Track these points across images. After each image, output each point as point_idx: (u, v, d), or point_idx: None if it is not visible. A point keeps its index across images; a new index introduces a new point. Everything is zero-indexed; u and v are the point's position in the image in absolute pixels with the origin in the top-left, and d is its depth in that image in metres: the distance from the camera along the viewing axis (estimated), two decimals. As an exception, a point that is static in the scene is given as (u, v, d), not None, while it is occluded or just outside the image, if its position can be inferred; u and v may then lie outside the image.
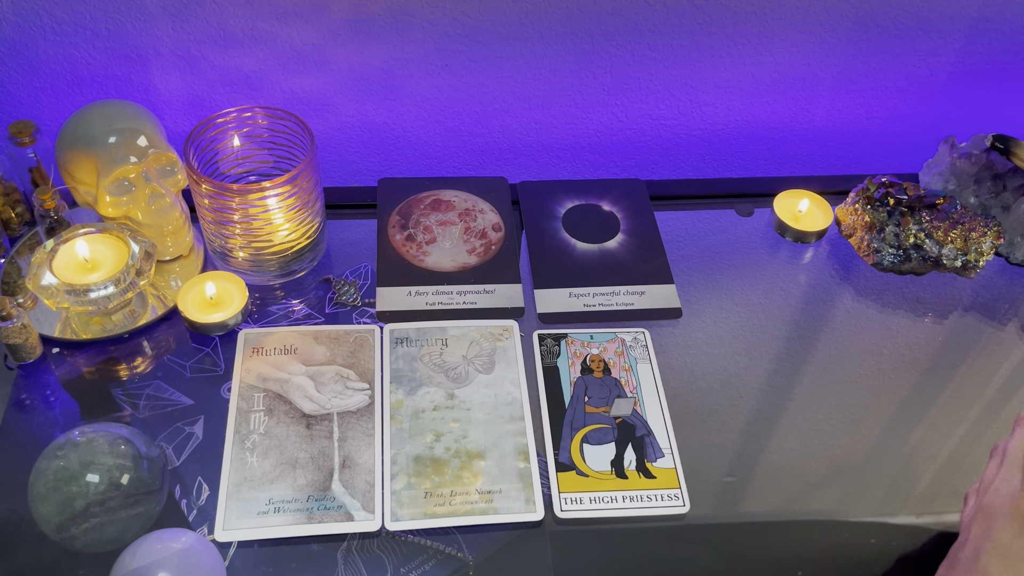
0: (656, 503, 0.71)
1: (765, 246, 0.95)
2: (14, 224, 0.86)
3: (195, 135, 0.79)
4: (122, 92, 0.92)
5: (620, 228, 0.93)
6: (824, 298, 0.90)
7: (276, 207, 0.78)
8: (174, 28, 0.87)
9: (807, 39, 0.98)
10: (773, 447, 0.77)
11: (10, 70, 0.89)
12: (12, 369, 0.76)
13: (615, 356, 0.81)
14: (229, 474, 0.69)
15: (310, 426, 0.73)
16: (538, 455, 0.73)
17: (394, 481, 0.70)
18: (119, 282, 0.75)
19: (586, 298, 0.86)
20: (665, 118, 1.04)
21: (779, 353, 0.85)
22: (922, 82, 1.05)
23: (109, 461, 0.63)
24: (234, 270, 0.83)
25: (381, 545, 0.68)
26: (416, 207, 0.93)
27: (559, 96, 1.00)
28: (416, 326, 0.82)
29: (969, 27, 1.00)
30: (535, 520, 0.69)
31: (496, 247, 0.90)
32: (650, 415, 0.77)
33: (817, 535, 0.72)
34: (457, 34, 0.92)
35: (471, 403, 0.76)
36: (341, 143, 1.01)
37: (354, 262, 0.88)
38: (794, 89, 1.03)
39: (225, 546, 0.66)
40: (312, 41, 0.91)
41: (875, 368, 0.84)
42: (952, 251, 0.88)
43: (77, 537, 0.62)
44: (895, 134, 1.11)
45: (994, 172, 0.93)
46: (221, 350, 0.79)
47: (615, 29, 0.94)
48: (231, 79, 0.93)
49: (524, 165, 1.07)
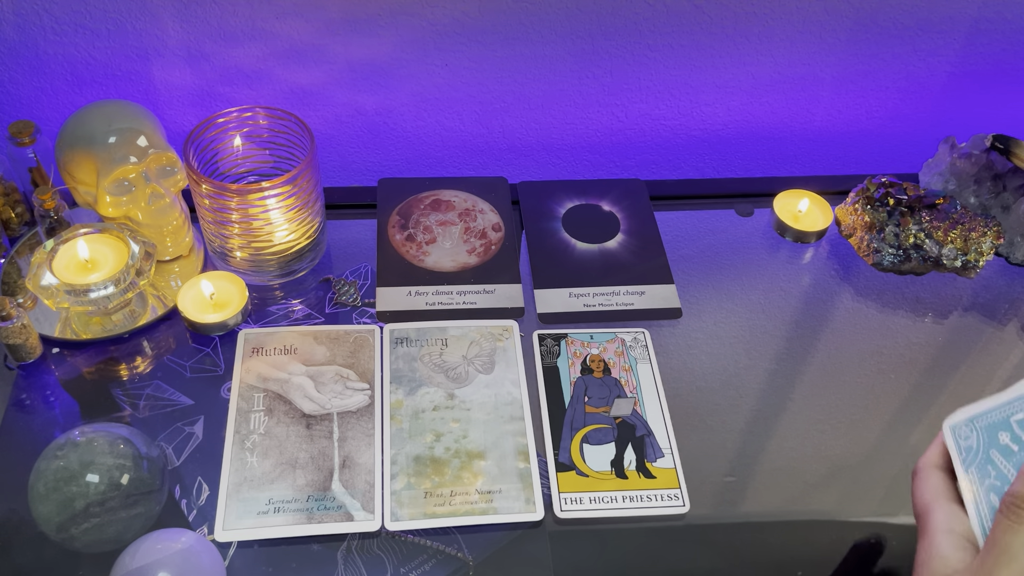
0: (656, 503, 0.71)
1: (765, 246, 0.95)
2: (14, 224, 0.86)
3: (195, 135, 0.79)
4: (122, 92, 0.92)
5: (620, 228, 0.93)
6: (824, 298, 0.90)
7: (276, 207, 0.78)
8: (174, 28, 0.87)
9: (807, 39, 0.98)
10: (773, 447, 0.77)
11: (10, 70, 0.89)
12: (12, 369, 0.76)
13: (615, 356, 0.81)
14: (229, 474, 0.69)
15: (310, 426, 0.73)
16: (538, 455, 0.73)
17: (394, 481, 0.70)
18: (119, 282, 0.75)
19: (586, 298, 0.86)
20: (665, 118, 1.04)
21: (779, 353, 0.85)
22: (922, 82, 1.05)
23: (109, 461, 0.63)
24: (234, 270, 0.83)
25: (381, 545, 0.68)
26: (416, 207, 0.93)
27: (559, 96, 1.00)
28: (416, 326, 0.82)
29: (969, 27, 1.00)
30: (535, 520, 0.69)
31: (496, 247, 0.90)
32: (650, 415, 0.77)
33: (817, 535, 0.72)
34: (457, 34, 0.92)
35: (471, 403, 0.76)
36: (341, 143, 1.01)
37: (354, 262, 0.88)
38: (794, 89, 1.03)
39: (225, 546, 0.66)
40: (312, 41, 0.91)
41: (875, 368, 0.84)
42: (952, 251, 0.88)
43: (77, 537, 0.62)
44: (895, 134, 1.11)
45: (994, 172, 0.93)
46: (221, 350, 0.79)
47: (615, 29, 0.94)
48: (231, 79, 0.93)
49: (524, 165, 1.07)
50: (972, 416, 0.57)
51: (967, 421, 0.57)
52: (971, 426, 0.57)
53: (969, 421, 0.57)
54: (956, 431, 0.57)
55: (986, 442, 0.55)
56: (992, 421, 0.56)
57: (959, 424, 0.58)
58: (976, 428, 0.56)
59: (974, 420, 0.57)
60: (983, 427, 0.56)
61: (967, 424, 0.57)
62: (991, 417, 0.56)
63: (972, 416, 0.57)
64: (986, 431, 0.56)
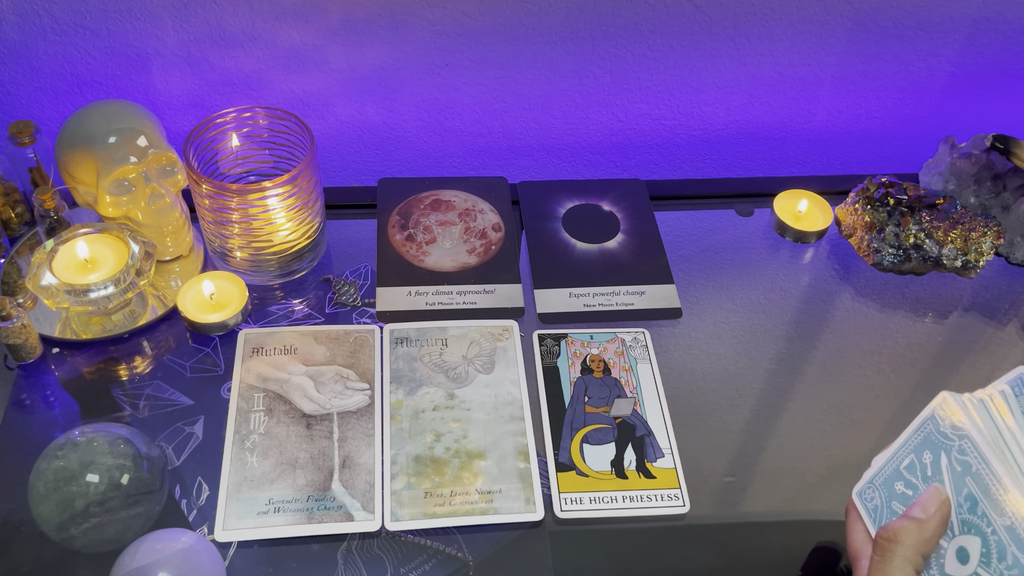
0: (656, 503, 0.71)
1: (765, 246, 0.95)
2: (14, 224, 0.86)
3: (195, 135, 0.79)
4: (122, 92, 0.92)
5: (620, 228, 0.93)
6: (824, 298, 0.90)
7: (276, 207, 0.78)
8: (174, 28, 0.87)
9: (807, 39, 0.98)
10: (773, 447, 0.77)
11: (10, 70, 0.89)
12: (12, 369, 0.76)
13: (615, 356, 0.81)
14: (229, 474, 0.69)
15: (310, 426, 0.73)
16: (538, 455, 0.73)
17: (394, 481, 0.70)
18: (119, 282, 0.75)
19: (586, 298, 0.86)
20: (665, 118, 1.04)
21: (779, 353, 0.85)
22: (922, 82, 1.05)
23: (109, 461, 0.63)
24: (234, 270, 0.83)
25: (381, 545, 0.68)
26: (416, 207, 0.93)
27: (559, 96, 1.00)
28: (416, 326, 0.82)
29: (969, 27, 1.00)
30: (535, 520, 0.69)
31: (496, 247, 0.90)
32: (650, 415, 0.77)
33: (817, 535, 0.72)
34: (457, 34, 0.92)
35: (471, 403, 0.76)
36: (341, 143, 1.01)
37: (354, 262, 0.88)
38: (794, 89, 1.03)
39: (225, 546, 0.66)
40: (312, 41, 0.91)
41: (875, 368, 0.84)
42: (952, 251, 0.88)
43: (77, 537, 0.62)
44: (895, 134, 1.11)
45: (994, 172, 0.93)
46: (221, 350, 0.79)
47: (615, 29, 0.94)
48: (231, 79, 0.93)
49: (524, 165, 1.07)
50: (871, 477, 0.60)
51: (868, 483, 0.60)
52: (872, 487, 0.60)
53: (870, 483, 0.60)
54: (862, 496, 0.60)
55: (886, 496, 0.58)
56: (887, 476, 0.59)
57: (863, 489, 0.60)
58: (876, 487, 0.59)
59: (873, 480, 0.60)
60: (880, 484, 0.59)
61: (869, 486, 0.60)
62: (884, 472, 0.59)
63: (871, 477, 0.60)
64: (884, 487, 0.59)
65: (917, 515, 0.53)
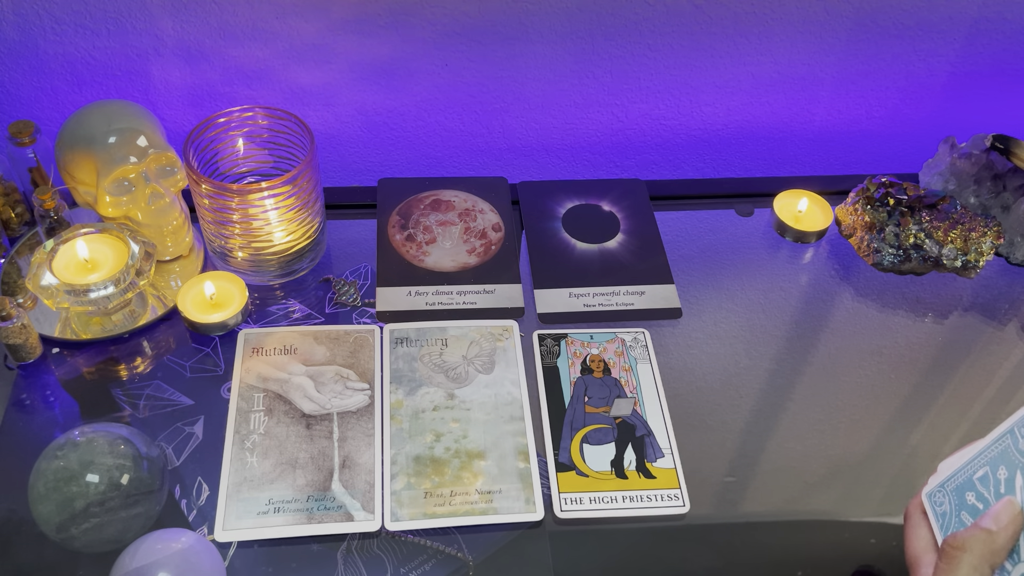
0: (656, 503, 0.71)
1: (765, 246, 0.95)
2: (14, 224, 0.86)
3: (195, 135, 0.79)
4: (122, 92, 0.92)
5: (620, 228, 0.93)
6: (824, 298, 0.90)
7: (276, 207, 0.78)
8: (174, 28, 0.87)
9: (807, 39, 0.98)
10: (773, 447, 0.77)
11: (10, 70, 0.89)
12: (12, 369, 0.76)
13: (615, 356, 0.81)
14: (229, 474, 0.69)
15: (310, 426, 0.73)
16: (538, 455, 0.73)
17: (394, 481, 0.70)
18: (119, 282, 0.75)
19: (586, 298, 0.86)
20: (665, 118, 1.04)
21: (779, 353, 0.85)
22: (922, 82, 1.05)
23: (109, 461, 0.63)
24: (234, 270, 0.83)
25: (381, 545, 0.68)
26: (416, 207, 0.93)
27: (559, 96, 1.00)
28: (416, 326, 0.82)
29: (969, 27, 1.00)
30: (535, 520, 0.69)
31: (496, 247, 0.90)
32: (650, 415, 0.77)
33: (817, 535, 0.72)
34: (457, 34, 0.92)
35: (471, 403, 0.76)
36: (341, 143, 1.01)
37: (354, 262, 0.88)
38: (794, 89, 1.03)
39: (225, 546, 0.66)
40: (312, 41, 0.91)
41: (875, 368, 0.84)
42: (952, 251, 0.88)
43: (77, 537, 0.62)
44: (895, 134, 1.11)
45: (994, 172, 0.93)
46: (221, 350, 0.79)
47: (615, 29, 0.94)
48: (231, 79, 0.93)
49: (524, 165, 1.07)
50: (943, 481, 0.59)
51: (939, 487, 0.59)
52: (943, 491, 0.58)
53: (941, 486, 0.59)
54: (932, 498, 0.59)
55: (956, 504, 0.57)
56: (959, 483, 0.57)
57: (933, 491, 0.59)
58: (947, 492, 0.58)
59: (944, 484, 0.58)
60: (952, 490, 0.58)
61: (939, 490, 0.59)
62: (957, 479, 0.58)
63: (943, 481, 0.59)
64: (955, 493, 0.57)
65: (988, 526, 0.51)
